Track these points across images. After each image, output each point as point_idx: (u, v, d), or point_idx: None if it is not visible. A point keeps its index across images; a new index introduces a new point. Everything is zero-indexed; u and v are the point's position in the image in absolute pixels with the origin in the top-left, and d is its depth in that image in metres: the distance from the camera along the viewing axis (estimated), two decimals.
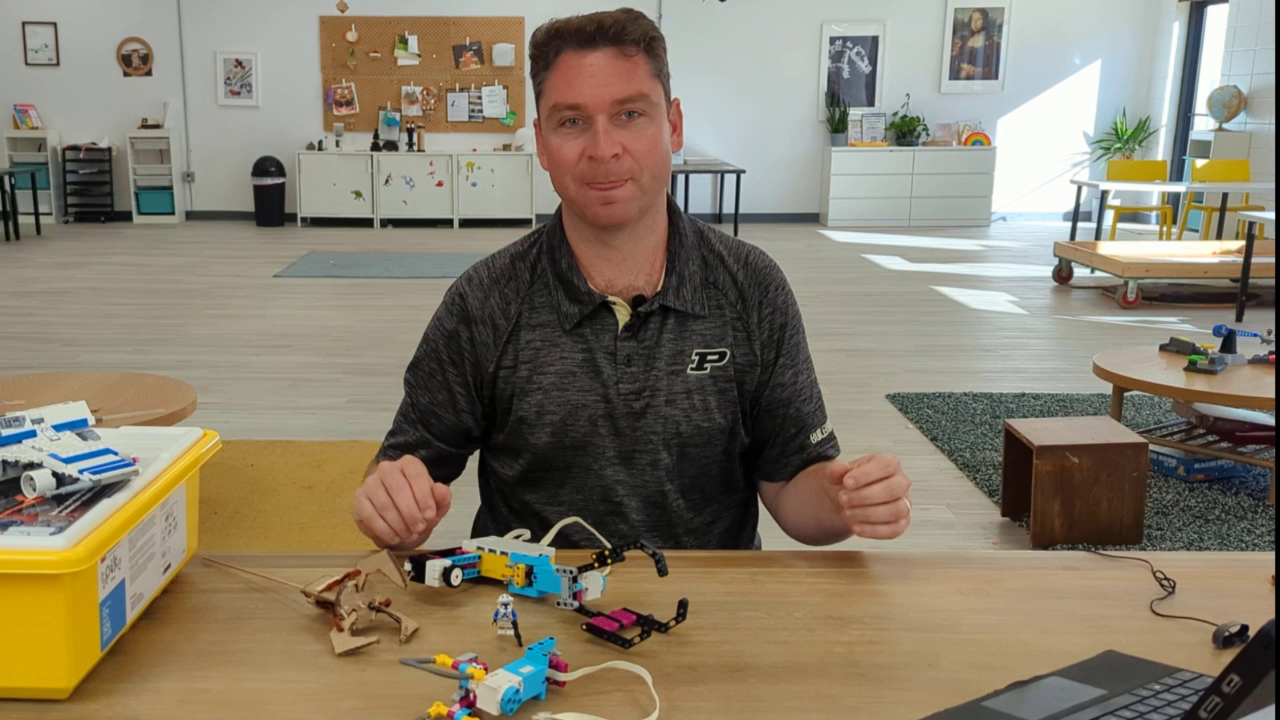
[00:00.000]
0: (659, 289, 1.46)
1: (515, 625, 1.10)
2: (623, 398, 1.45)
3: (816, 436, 1.54)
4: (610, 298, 1.46)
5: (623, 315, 1.46)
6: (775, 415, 1.52)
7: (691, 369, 1.47)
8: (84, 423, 1.18)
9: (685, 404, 1.47)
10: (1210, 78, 10.94)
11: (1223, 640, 1.11)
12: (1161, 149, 11.64)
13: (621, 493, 1.48)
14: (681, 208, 1.54)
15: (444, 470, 1.54)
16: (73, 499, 1.06)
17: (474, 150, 11.59)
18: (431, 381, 1.51)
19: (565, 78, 1.36)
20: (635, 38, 1.37)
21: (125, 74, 11.59)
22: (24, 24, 11.46)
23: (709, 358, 1.48)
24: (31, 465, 1.08)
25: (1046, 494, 3.36)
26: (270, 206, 11.44)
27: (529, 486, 1.52)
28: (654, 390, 1.46)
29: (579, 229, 1.47)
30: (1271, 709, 0.71)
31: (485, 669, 0.96)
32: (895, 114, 11.83)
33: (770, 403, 1.51)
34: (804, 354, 1.55)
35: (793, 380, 1.52)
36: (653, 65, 1.39)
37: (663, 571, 1.14)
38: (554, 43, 1.38)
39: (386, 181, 11.41)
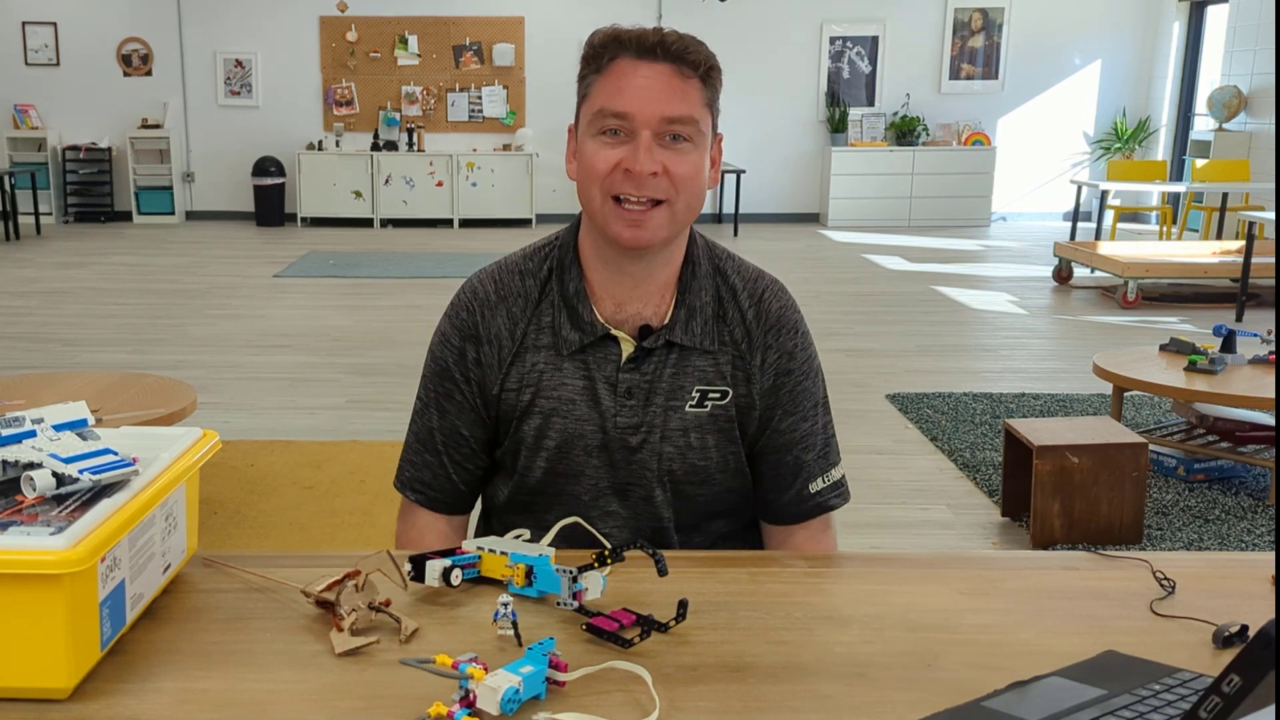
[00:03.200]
0: (666, 322, 1.41)
1: (515, 625, 1.10)
2: (619, 430, 1.41)
3: (817, 485, 1.47)
4: (614, 330, 1.41)
5: (627, 347, 1.41)
6: (770, 460, 1.46)
7: (691, 406, 1.42)
8: (84, 423, 1.18)
9: (681, 441, 1.42)
10: (1210, 78, 10.94)
11: (1223, 640, 1.11)
12: (1161, 149, 11.64)
13: (611, 525, 1.45)
14: (699, 235, 1.47)
15: (472, 482, 1.50)
16: (73, 499, 1.06)
17: (474, 150, 11.59)
18: (449, 401, 1.45)
19: (616, 84, 1.31)
20: (695, 61, 1.32)
21: (125, 74, 11.59)
22: (24, 24, 11.46)
23: (710, 395, 1.42)
24: (31, 465, 1.08)
25: (1046, 494, 3.36)
26: (270, 206, 11.44)
27: (517, 510, 1.49)
28: (650, 426, 1.41)
29: (597, 248, 1.40)
30: (1271, 709, 0.71)
31: (485, 669, 0.96)
32: (895, 114, 11.83)
33: (766, 448, 1.46)
34: (811, 400, 1.47)
35: (792, 429, 1.45)
36: (707, 94, 1.34)
37: (663, 571, 1.14)
38: (611, 47, 1.33)
39: (386, 181, 11.41)
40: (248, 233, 11.01)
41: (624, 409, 1.41)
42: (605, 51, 1.34)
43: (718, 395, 1.43)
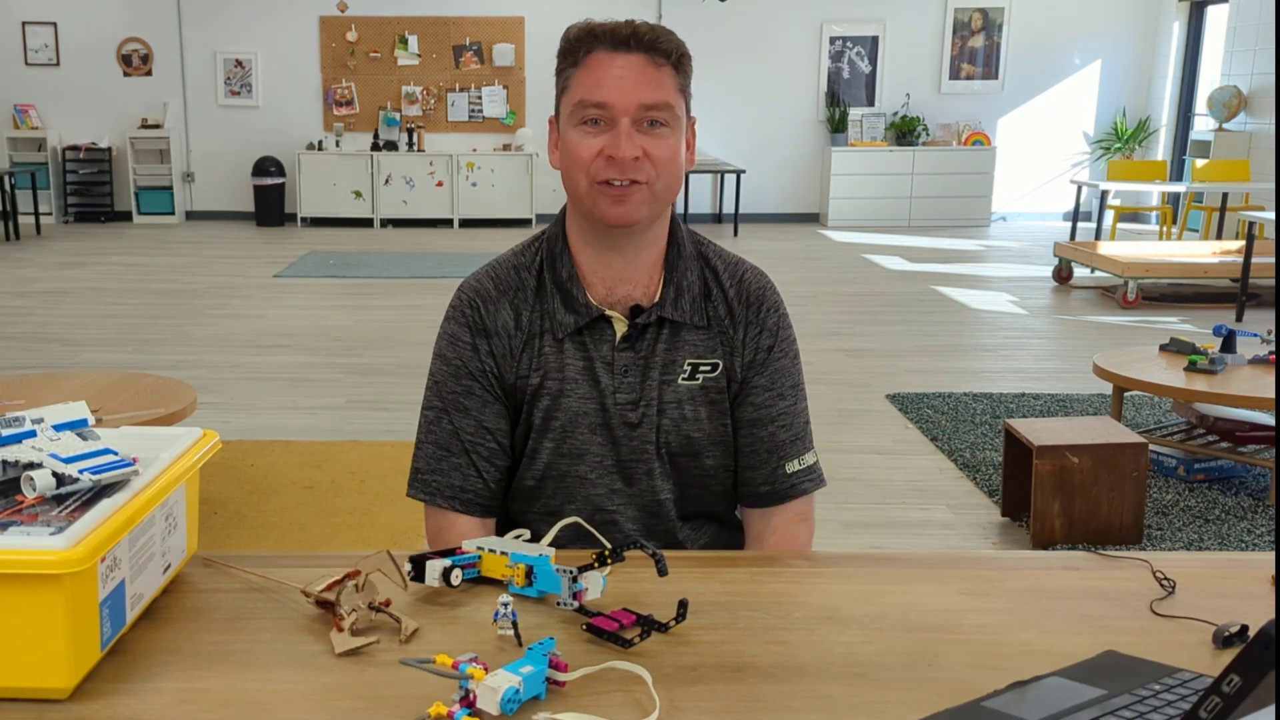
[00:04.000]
0: (656, 300, 1.47)
1: (515, 625, 1.10)
2: (619, 408, 1.46)
3: (793, 466, 1.50)
4: (608, 311, 1.46)
5: (620, 327, 1.46)
6: (747, 434, 1.50)
7: (683, 379, 1.47)
8: (84, 423, 1.18)
9: (675, 414, 1.46)
10: (1210, 78, 10.93)
11: (1223, 640, 1.11)
12: (1161, 149, 11.64)
13: (617, 502, 1.48)
14: (682, 219, 1.53)
15: (503, 494, 1.51)
16: (73, 499, 1.06)
17: (474, 150, 11.59)
18: (470, 398, 1.47)
19: (594, 76, 1.38)
20: (667, 49, 1.39)
21: (125, 74, 11.59)
22: (24, 24, 11.46)
23: (701, 368, 1.47)
24: (31, 465, 1.08)
25: (1046, 494, 3.36)
26: (270, 206, 11.44)
27: (522, 495, 1.51)
28: (648, 401, 1.46)
29: (584, 233, 1.46)
30: (1271, 709, 0.71)
31: (485, 669, 0.96)
32: (895, 114, 11.83)
33: (743, 421, 1.50)
34: (790, 380, 1.51)
35: (769, 404, 1.49)
36: (679, 80, 1.41)
37: (663, 571, 1.14)
38: (586, 41, 1.39)
39: (386, 181, 11.41)
40: (248, 233, 11.01)
41: (622, 386, 1.46)
42: (581, 45, 1.40)
43: (708, 368, 1.48)
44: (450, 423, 1.47)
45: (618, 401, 1.46)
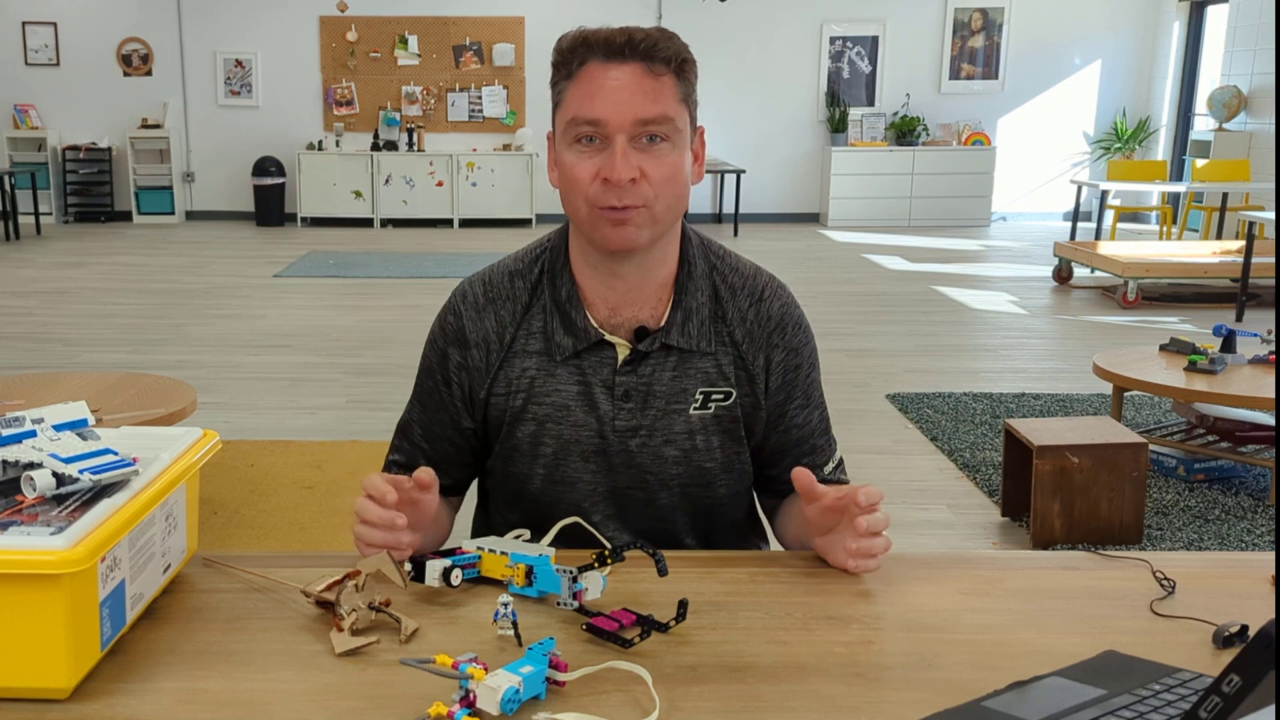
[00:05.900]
0: (663, 324, 1.39)
1: (515, 625, 1.10)
2: (618, 434, 1.40)
3: (829, 469, 1.50)
4: (608, 335, 1.38)
5: (622, 351, 1.39)
6: (789, 453, 1.47)
7: (695, 408, 1.40)
8: (84, 423, 1.18)
9: (686, 444, 1.41)
10: (1210, 78, 10.94)
11: (1223, 640, 1.11)
12: (1161, 149, 11.64)
13: (612, 529, 1.44)
14: (694, 233, 1.45)
15: (455, 475, 1.50)
16: (73, 499, 1.06)
17: (474, 150, 11.59)
18: (430, 399, 1.47)
19: (587, 90, 1.28)
20: (666, 56, 1.29)
21: (125, 74, 11.59)
22: (24, 24, 11.46)
23: (714, 396, 1.41)
24: (31, 465, 1.08)
25: (1046, 494, 3.35)
26: (270, 206, 11.44)
27: (517, 512, 1.48)
28: (651, 429, 1.40)
29: (586, 254, 1.38)
30: (1271, 709, 0.71)
31: (485, 669, 0.96)
32: (895, 114, 11.83)
33: (784, 444, 1.46)
34: (818, 389, 1.50)
35: (806, 420, 1.47)
36: (681, 89, 1.31)
37: (663, 571, 1.14)
38: (579, 51, 1.30)
39: (386, 181, 11.41)
40: (248, 233, 11.01)
41: (622, 412, 1.40)
42: (574, 56, 1.31)
43: (721, 396, 1.41)
44: (412, 413, 1.51)
45: (616, 428, 1.40)
